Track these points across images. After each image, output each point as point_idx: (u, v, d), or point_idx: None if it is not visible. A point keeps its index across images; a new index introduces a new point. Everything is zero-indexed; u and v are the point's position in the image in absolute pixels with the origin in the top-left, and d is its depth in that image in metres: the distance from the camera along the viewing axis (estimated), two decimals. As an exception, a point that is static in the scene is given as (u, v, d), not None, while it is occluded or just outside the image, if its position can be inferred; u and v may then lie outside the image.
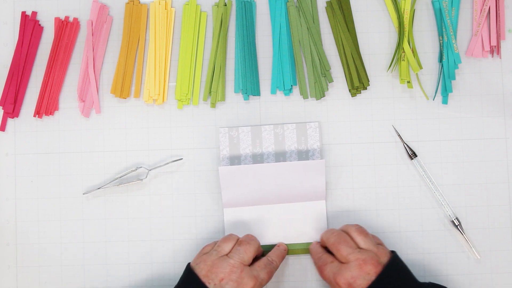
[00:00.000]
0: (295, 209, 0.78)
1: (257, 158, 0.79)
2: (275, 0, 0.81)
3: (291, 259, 0.79)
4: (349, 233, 0.72)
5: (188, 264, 0.72)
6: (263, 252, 0.76)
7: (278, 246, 0.77)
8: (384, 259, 0.69)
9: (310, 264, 0.79)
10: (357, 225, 0.73)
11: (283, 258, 0.76)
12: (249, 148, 0.79)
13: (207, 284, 0.67)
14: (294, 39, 0.81)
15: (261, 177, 0.77)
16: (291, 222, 0.78)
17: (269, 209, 0.78)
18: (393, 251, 0.71)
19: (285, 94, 0.81)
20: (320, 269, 0.72)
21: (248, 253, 0.70)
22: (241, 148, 0.79)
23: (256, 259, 0.73)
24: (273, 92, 0.81)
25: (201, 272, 0.68)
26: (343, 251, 0.69)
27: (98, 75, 0.82)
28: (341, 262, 0.69)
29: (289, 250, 0.78)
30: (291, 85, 0.80)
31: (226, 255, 0.70)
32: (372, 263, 0.67)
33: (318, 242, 0.77)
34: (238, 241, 0.72)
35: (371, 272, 0.67)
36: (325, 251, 0.74)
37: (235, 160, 0.79)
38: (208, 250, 0.72)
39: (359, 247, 0.70)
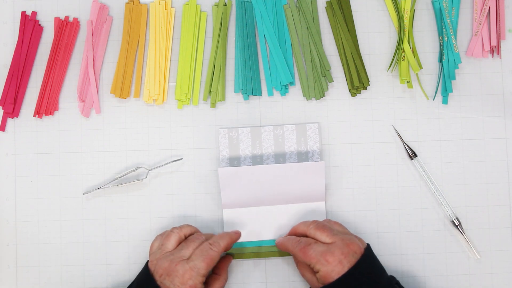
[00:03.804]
0: (295, 210, 0.78)
1: (257, 159, 0.79)
2: (274, 1, 0.81)
3: (291, 260, 0.79)
4: (324, 224, 0.73)
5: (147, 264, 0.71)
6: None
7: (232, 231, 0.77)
8: (363, 244, 0.71)
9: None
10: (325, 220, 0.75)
11: (230, 241, 0.73)
12: (248, 149, 0.79)
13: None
14: (293, 39, 0.81)
15: (260, 179, 0.77)
16: (291, 223, 0.78)
17: (268, 210, 0.78)
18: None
19: (281, 94, 0.81)
20: (303, 251, 0.70)
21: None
22: (241, 149, 0.79)
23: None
24: (270, 94, 0.81)
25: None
26: (329, 231, 0.71)
27: (98, 75, 0.82)
28: (325, 243, 0.70)
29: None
30: (287, 84, 0.80)
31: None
32: (356, 244, 0.69)
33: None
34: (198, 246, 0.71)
35: (357, 252, 0.69)
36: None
37: (234, 161, 0.79)
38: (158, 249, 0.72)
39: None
